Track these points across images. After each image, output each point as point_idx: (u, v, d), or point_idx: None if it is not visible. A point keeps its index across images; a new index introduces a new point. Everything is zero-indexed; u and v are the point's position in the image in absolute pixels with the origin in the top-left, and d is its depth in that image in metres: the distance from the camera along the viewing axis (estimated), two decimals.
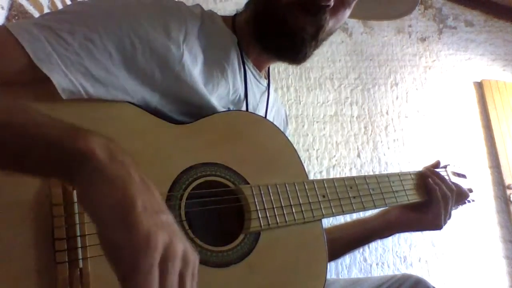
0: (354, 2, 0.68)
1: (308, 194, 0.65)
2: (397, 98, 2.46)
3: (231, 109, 0.69)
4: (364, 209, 0.73)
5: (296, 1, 0.62)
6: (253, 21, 0.68)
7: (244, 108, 0.71)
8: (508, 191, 2.34)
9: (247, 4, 0.73)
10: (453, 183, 0.87)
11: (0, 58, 0.46)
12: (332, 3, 0.62)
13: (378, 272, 2.07)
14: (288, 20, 0.63)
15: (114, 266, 0.33)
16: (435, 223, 0.83)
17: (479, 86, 2.59)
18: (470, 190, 0.94)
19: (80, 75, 0.49)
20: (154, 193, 0.37)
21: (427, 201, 0.83)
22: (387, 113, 2.40)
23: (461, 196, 0.87)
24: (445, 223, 0.83)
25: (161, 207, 0.37)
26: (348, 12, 0.69)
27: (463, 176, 0.97)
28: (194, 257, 0.37)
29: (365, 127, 2.33)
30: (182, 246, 0.35)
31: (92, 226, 0.44)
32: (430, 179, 0.84)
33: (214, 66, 0.65)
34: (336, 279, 1.03)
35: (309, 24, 0.64)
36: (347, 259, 2.03)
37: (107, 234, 0.33)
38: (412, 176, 0.85)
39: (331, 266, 2.00)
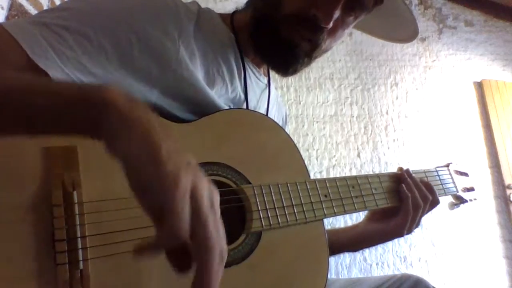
0: (354, 23, 0.68)
1: (310, 194, 0.65)
2: (397, 98, 2.46)
3: (232, 107, 0.68)
4: (366, 208, 0.73)
5: (295, 15, 0.61)
6: (251, 26, 0.67)
7: (244, 106, 0.71)
8: (508, 191, 2.34)
9: (248, 3, 0.73)
10: (428, 189, 0.79)
11: None
12: (330, 25, 0.61)
13: (378, 272, 2.07)
14: (284, 33, 0.62)
15: (147, 209, 0.34)
16: (397, 232, 0.76)
17: (479, 86, 2.59)
18: (472, 189, 0.94)
19: (76, 71, 0.49)
20: (174, 140, 0.38)
21: (397, 208, 0.77)
22: (387, 113, 2.40)
23: (433, 204, 0.80)
24: (409, 232, 0.77)
25: (183, 151, 0.38)
26: (346, 31, 0.68)
27: (466, 174, 0.96)
28: (217, 196, 0.38)
29: (365, 127, 2.33)
30: (207, 188, 0.37)
31: (93, 227, 0.44)
32: (403, 185, 0.77)
33: (210, 64, 0.64)
34: (336, 279, 1.03)
35: (305, 41, 0.63)
36: (347, 259, 2.03)
37: (137, 175, 0.34)
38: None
39: (331, 266, 2.00)
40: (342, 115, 2.32)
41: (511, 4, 2.71)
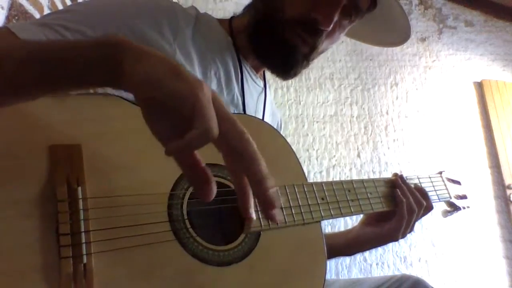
0: (349, 27, 0.70)
1: (308, 197, 0.65)
2: (397, 98, 2.46)
3: (230, 109, 0.69)
4: (362, 212, 0.73)
5: (296, 19, 0.64)
6: (251, 29, 0.68)
7: (241, 107, 0.72)
8: (508, 191, 2.35)
9: (246, 8, 0.74)
10: (422, 195, 0.80)
11: None
12: (330, 28, 0.64)
13: (378, 272, 2.08)
14: (286, 36, 0.65)
15: (175, 116, 0.35)
16: (392, 236, 0.77)
17: (479, 86, 2.60)
18: (465, 197, 0.94)
19: None
20: None
21: (391, 213, 0.77)
22: (387, 113, 2.41)
23: (427, 210, 0.80)
24: (404, 236, 0.78)
25: None
26: (342, 35, 0.70)
27: (458, 182, 0.96)
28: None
29: (365, 127, 2.33)
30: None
31: (97, 222, 0.44)
32: (398, 190, 0.78)
33: (208, 65, 0.66)
34: (336, 279, 1.04)
35: (305, 44, 0.66)
36: (347, 259, 2.04)
37: (165, 85, 0.35)
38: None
39: (331, 266, 2.01)
40: (342, 115, 2.32)
41: (511, 4, 2.72)
